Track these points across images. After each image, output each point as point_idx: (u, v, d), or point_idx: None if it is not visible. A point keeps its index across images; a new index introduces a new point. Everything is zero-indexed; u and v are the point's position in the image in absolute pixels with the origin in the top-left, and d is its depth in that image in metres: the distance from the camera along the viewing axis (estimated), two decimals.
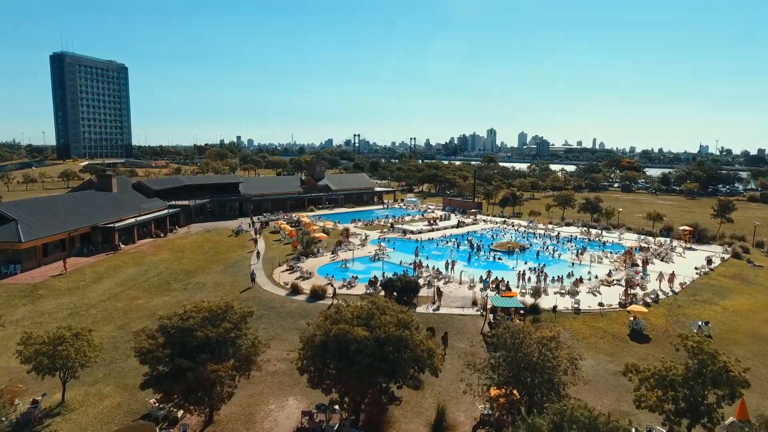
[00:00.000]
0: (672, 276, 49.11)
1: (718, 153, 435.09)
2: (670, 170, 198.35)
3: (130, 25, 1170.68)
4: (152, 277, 51.12)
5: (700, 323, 37.22)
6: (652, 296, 44.06)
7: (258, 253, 59.29)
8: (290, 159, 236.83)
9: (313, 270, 52.12)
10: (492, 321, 37.46)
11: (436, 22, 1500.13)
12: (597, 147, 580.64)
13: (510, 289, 44.71)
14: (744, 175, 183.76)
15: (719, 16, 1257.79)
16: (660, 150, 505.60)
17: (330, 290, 43.68)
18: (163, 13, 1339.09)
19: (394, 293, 41.90)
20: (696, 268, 54.09)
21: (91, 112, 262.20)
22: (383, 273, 51.47)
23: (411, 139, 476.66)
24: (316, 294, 42.95)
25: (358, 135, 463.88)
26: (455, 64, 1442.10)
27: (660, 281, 48.60)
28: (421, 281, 47.64)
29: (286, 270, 52.49)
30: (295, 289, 44.52)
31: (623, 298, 42.88)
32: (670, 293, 45.86)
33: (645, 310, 37.81)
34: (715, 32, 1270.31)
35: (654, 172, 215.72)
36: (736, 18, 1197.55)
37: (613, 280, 48.84)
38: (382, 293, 42.73)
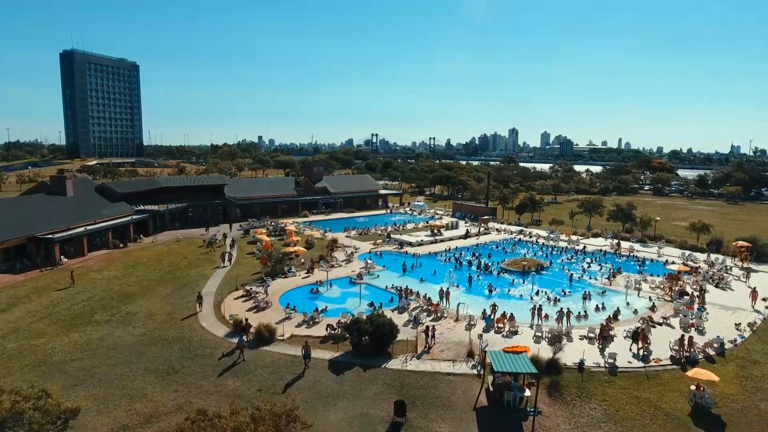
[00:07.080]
0: (754, 293, 40.45)
1: (751, 153, 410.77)
2: (707, 171, 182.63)
3: (149, 25, 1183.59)
4: (78, 303, 41.46)
5: None
6: (716, 345, 32.38)
7: (200, 298, 39.58)
8: (300, 159, 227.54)
9: (275, 297, 41.67)
10: (491, 387, 26.50)
11: (455, 22, 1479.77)
12: (623, 147, 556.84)
13: (517, 331, 33.65)
14: None
15: (744, 11, 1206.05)
16: (689, 150, 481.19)
17: (281, 331, 33.27)
18: (179, 12, 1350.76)
19: (364, 337, 31.37)
20: (765, 300, 41.97)
21: (101, 111, 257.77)
22: (360, 301, 41.05)
23: (430, 138, 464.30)
24: (261, 336, 32.39)
25: (377, 134, 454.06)
26: (477, 63, 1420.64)
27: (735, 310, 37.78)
28: (405, 316, 36.99)
29: (242, 296, 42.15)
30: (239, 328, 34.14)
31: (676, 348, 31.35)
32: (738, 339, 34.04)
33: (714, 377, 26.01)
34: (743, 28, 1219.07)
35: (686, 174, 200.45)
36: (764, 12, 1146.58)
37: (660, 318, 37.32)
38: (347, 338, 32.22)
